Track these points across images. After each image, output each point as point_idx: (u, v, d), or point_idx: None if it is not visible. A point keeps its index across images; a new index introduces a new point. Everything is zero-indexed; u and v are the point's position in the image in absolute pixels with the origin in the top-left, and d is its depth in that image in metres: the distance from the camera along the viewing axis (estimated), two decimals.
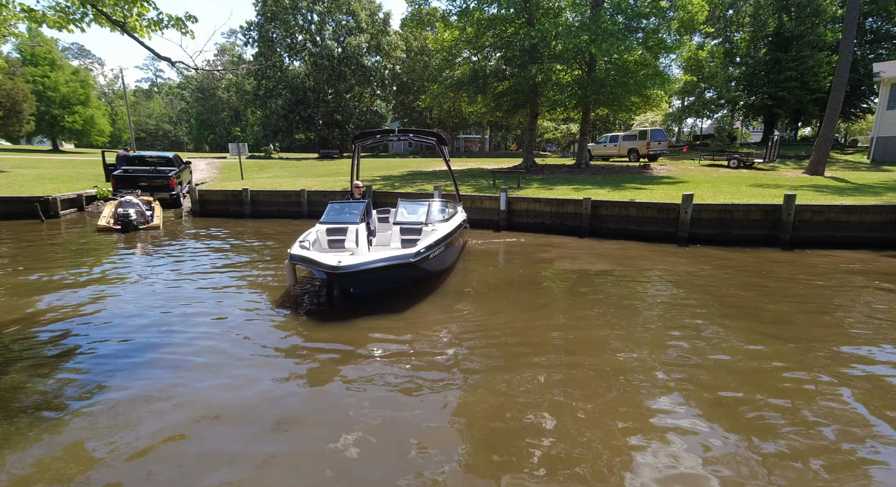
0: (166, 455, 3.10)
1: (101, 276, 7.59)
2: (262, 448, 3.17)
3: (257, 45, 43.51)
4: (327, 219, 7.52)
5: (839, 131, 42.29)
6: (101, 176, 18.34)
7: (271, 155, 44.85)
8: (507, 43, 19.98)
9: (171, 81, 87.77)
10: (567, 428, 3.40)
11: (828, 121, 16.79)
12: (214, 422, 3.50)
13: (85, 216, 14.75)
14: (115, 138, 65.79)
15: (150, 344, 4.86)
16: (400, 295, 6.49)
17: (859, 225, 9.80)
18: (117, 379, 4.12)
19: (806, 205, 10.00)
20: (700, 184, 14.82)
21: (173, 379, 4.12)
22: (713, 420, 3.52)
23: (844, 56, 15.80)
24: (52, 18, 5.03)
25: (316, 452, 3.15)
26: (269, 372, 4.29)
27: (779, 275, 7.76)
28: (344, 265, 5.67)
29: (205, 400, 3.81)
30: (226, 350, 4.77)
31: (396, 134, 9.13)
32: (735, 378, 4.16)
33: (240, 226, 13.25)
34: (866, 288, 7.03)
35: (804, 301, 6.39)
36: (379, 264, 5.89)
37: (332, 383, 4.12)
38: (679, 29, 18.25)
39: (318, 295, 6.72)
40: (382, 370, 4.34)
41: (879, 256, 8.93)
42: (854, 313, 5.95)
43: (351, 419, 3.53)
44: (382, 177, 20.62)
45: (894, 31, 29.79)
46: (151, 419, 3.51)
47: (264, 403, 3.76)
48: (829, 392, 3.95)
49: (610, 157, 27.42)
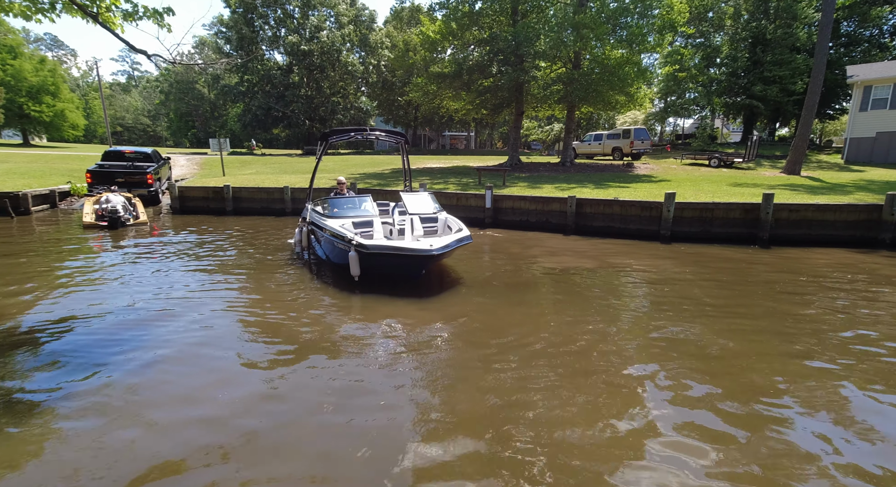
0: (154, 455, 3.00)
1: (109, 278, 7.33)
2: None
3: (234, 39, 42.40)
4: (342, 214, 7.69)
5: (815, 132, 43.44)
6: (75, 171, 17.76)
7: (254, 151, 44.04)
8: (493, 38, 19.98)
9: (149, 74, 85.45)
10: (546, 421, 3.40)
11: (804, 123, 17.23)
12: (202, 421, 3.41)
13: (58, 213, 14.26)
14: (90, 132, 63.79)
15: (129, 346, 4.71)
16: (387, 289, 6.47)
17: (834, 223, 10.07)
18: (121, 371, 3.99)
19: (783, 203, 10.23)
20: (682, 183, 15.05)
21: (152, 374, 4.01)
22: (698, 414, 3.56)
23: (820, 59, 16.20)
24: (19, 6, 4.80)
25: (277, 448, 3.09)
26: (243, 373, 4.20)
27: (757, 273, 7.92)
28: (436, 248, 6.34)
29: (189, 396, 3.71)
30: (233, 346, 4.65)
31: (368, 132, 9.18)
32: (717, 371, 4.23)
33: (223, 223, 12.98)
34: (839, 285, 7.22)
35: (781, 297, 6.54)
36: (455, 246, 6.78)
37: (299, 378, 4.05)
38: (661, 27, 18.48)
39: (299, 284, 6.62)
40: (378, 361, 4.29)
41: (852, 253, 9.19)
42: (827, 309, 6.10)
43: (319, 420, 3.48)
44: (369, 174, 20.45)
45: (867, 34, 30.71)
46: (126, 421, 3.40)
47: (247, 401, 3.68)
48: (806, 382, 4.04)
49: (594, 156, 27.70)
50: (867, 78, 21.28)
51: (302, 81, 44.17)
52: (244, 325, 5.42)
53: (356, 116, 48.58)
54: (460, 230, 7.64)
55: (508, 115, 23.69)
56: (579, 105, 21.06)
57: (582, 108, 22.67)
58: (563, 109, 22.40)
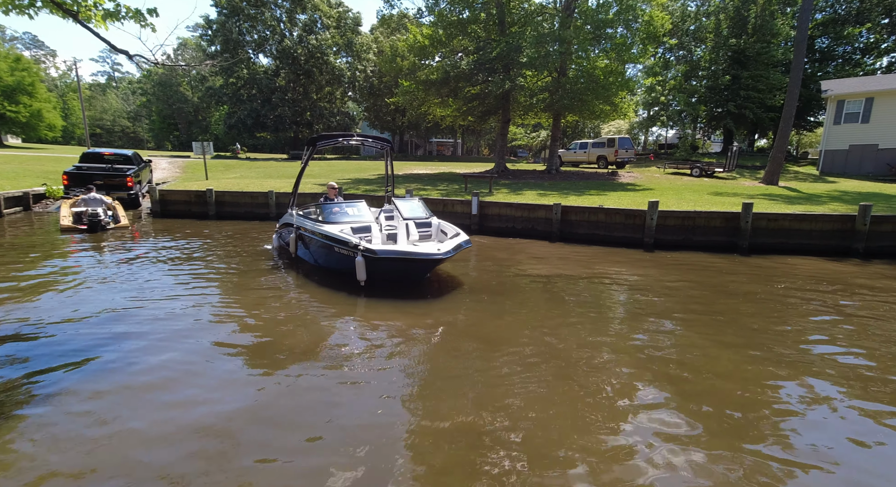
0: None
1: (86, 283, 7.09)
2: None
3: (219, 42, 41.89)
4: (339, 219, 7.64)
5: (792, 144, 44.80)
6: (51, 173, 17.28)
7: (238, 155, 43.48)
8: (481, 47, 20.16)
9: (130, 76, 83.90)
10: (532, 427, 3.39)
11: (781, 135, 17.75)
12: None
13: (31, 216, 13.83)
14: (68, 134, 62.25)
15: (107, 351, 4.56)
16: (372, 294, 6.40)
17: (810, 232, 10.34)
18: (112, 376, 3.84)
19: (762, 213, 10.48)
20: (665, 192, 15.33)
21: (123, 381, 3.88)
22: (683, 417, 3.59)
23: (795, 74, 16.74)
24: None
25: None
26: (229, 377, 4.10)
27: (738, 281, 8.08)
28: (443, 252, 6.64)
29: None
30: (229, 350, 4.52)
31: (355, 138, 9.20)
32: (700, 377, 4.28)
33: (206, 227, 12.73)
34: (815, 292, 7.40)
35: (760, 304, 6.67)
36: (458, 249, 7.13)
37: (277, 385, 3.97)
38: (644, 39, 18.89)
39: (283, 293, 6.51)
40: (367, 368, 4.22)
41: (826, 262, 9.44)
42: (802, 316, 6.25)
43: (300, 424, 3.40)
44: (355, 179, 20.34)
45: (840, 51, 31.96)
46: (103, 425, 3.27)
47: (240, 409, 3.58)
48: (780, 383, 4.11)
49: (580, 164, 28.04)
50: (840, 93, 22.05)
51: (288, 85, 43.87)
52: (227, 332, 5.30)
53: (342, 121, 48.38)
54: (458, 234, 7.80)
55: (495, 123, 23.90)
56: (565, 114, 21.34)
57: (568, 117, 22.97)
58: (549, 118, 22.66)
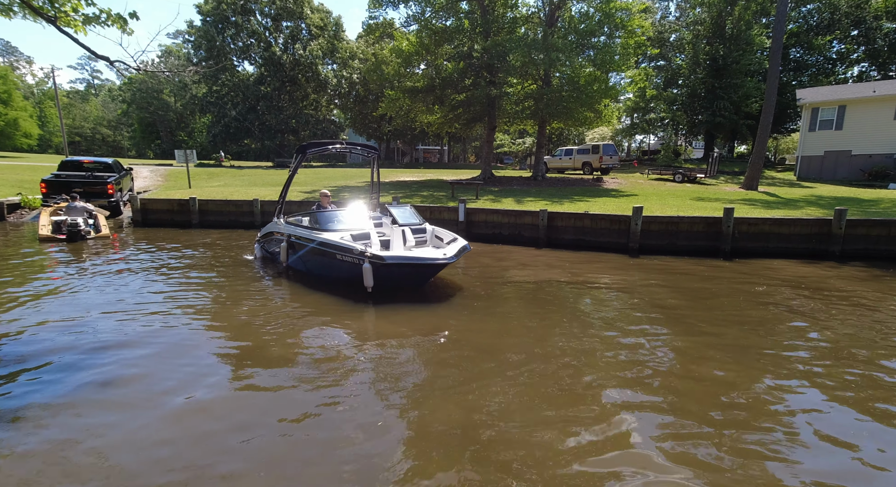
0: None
1: (65, 295, 6.87)
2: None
3: (203, 50, 41.54)
4: (337, 227, 7.61)
5: (770, 150, 45.98)
6: (27, 182, 16.84)
7: (222, 163, 42.92)
8: (466, 55, 20.32)
9: (110, 83, 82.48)
10: (523, 435, 3.37)
11: (759, 142, 18.24)
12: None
13: (6, 226, 13.43)
14: (45, 142, 60.83)
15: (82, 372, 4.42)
16: (359, 301, 6.33)
17: (789, 236, 10.59)
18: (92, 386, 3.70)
19: (743, 217, 10.71)
20: (649, 197, 15.57)
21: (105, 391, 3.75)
22: (672, 418, 3.61)
23: (771, 83, 17.25)
24: None
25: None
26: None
27: (720, 284, 8.21)
28: (449, 256, 6.83)
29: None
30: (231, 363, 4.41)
31: (345, 146, 9.27)
32: (686, 378, 4.32)
33: (190, 237, 12.50)
34: (795, 295, 7.57)
35: (743, 307, 6.79)
36: (460, 255, 7.31)
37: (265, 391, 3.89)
38: (625, 45, 19.29)
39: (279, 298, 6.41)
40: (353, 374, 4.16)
41: (804, 265, 9.66)
42: (780, 321, 6.37)
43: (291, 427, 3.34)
44: (341, 187, 20.24)
45: (812, 60, 33.12)
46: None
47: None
48: (760, 388, 4.17)
49: (565, 170, 28.35)
50: (814, 101, 22.78)
51: (274, 93, 43.60)
52: (212, 342, 5.19)
53: (328, 129, 48.22)
54: (456, 239, 7.95)
55: (481, 130, 24.06)
56: (550, 121, 21.60)
57: (553, 124, 23.25)
58: (534, 124, 22.89)
